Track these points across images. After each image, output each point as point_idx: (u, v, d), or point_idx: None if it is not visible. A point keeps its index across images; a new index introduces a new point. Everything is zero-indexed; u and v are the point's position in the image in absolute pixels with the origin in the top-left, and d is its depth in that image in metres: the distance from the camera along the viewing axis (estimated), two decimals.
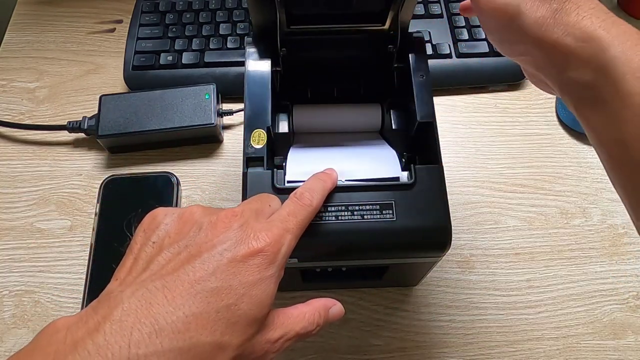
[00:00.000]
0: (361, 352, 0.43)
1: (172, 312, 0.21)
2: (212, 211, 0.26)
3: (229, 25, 0.57)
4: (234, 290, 0.22)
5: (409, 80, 0.36)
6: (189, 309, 0.21)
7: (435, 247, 0.33)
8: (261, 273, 0.23)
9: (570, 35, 0.25)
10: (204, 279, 0.22)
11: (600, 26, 0.24)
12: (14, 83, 0.56)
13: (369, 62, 0.40)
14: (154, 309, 0.21)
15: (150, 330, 0.20)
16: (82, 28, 0.60)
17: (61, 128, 0.51)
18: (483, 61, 0.55)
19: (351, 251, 0.33)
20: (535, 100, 0.56)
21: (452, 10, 0.58)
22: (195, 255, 0.23)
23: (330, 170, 0.32)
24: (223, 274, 0.22)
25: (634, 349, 0.43)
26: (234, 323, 0.22)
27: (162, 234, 0.25)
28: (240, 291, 0.22)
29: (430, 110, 0.35)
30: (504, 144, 0.53)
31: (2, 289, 0.45)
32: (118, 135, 0.49)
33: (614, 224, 0.49)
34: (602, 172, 0.51)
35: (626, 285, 0.46)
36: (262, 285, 0.23)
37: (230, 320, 0.22)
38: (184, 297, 0.21)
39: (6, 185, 0.50)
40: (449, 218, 0.32)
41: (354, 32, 0.36)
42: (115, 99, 0.51)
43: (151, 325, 0.20)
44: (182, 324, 0.21)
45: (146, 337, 0.20)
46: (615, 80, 0.23)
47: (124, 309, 0.20)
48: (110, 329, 0.20)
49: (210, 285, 0.22)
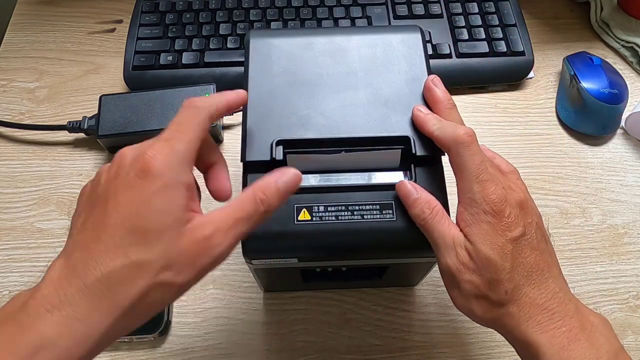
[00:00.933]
0: (361, 352, 0.43)
1: (85, 256, 0.23)
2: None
3: (229, 25, 0.57)
4: (127, 214, 0.24)
5: None
6: (97, 247, 0.23)
7: None
8: (145, 188, 0.24)
9: (514, 339, 0.29)
10: (100, 216, 0.24)
11: (536, 330, 0.28)
12: (14, 83, 0.56)
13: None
14: (72, 261, 0.24)
15: (69, 274, 0.23)
16: (82, 28, 0.60)
17: (61, 128, 0.51)
18: (483, 61, 0.55)
19: (351, 251, 0.33)
20: (535, 100, 0.56)
21: (452, 10, 0.58)
22: (95, 202, 0.26)
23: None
24: (116, 205, 0.24)
25: (634, 349, 0.43)
26: (140, 241, 0.23)
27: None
28: (133, 210, 0.24)
29: None
30: (504, 144, 0.53)
31: (2, 289, 0.45)
32: (118, 135, 0.49)
33: (614, 224, 0.49)
34: (602, 172, 0.52)
35: (626, 285, 0.46)
36: (155, 198, 0.24)
37: (134, 239, 0.23)
38: (91, 241, 0.24)
39: (6, 185, 0.50)
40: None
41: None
42: (115, 99, 0.51)
43: (70, 271, 0.23)
44: (93, 261, 0.23)
45: (66, 283, 0.23)
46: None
47: (53, 272, 0.24)
48: (45, 287, 0.23)
49: (107, 220, 0.24)
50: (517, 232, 0.29)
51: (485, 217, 0.29)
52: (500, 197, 0.29)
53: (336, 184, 0.33)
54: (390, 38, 0.38)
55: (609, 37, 0.60)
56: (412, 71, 0.37)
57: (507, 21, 0.57)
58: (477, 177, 0.30)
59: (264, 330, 0.44)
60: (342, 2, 0.58)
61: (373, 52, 0.38)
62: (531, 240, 0.29)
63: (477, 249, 0.29)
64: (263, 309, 0.44)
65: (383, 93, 0.36)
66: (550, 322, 0.28)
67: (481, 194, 0.29)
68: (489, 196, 0.29)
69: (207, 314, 0.44)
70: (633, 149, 0.53)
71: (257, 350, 0.43)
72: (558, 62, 0.58)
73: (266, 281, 0.42)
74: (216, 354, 0.42)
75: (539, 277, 0.29)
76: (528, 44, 0.56)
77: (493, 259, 0.28)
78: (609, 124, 0.53)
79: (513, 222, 0.29)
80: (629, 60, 0.58)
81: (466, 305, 0.30)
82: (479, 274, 0.29)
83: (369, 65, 0.37)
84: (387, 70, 0.37)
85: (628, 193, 0.51)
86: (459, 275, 0.29)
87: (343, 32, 0.40)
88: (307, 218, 0.32)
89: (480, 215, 0.29)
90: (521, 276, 0.29)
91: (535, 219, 0.30)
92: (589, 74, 0.53)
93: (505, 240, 0.29)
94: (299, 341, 0.43)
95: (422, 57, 0.37)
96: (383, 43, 0.38)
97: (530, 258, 0.29)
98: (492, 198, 0.29)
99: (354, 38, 0.38)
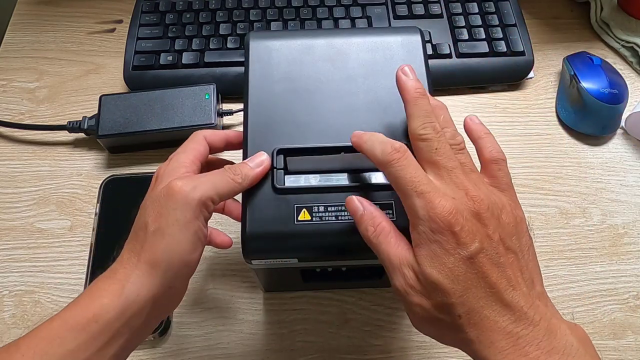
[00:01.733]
0: (361, 352, 0.43)
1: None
2: None
3: (229, 25, 0.57)
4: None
5: None
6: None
7: None
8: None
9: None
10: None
11: (498, 359, 0.25)
12: (14, 83, 0.56)
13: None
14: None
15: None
16: (82, 28, 0.61)
17: (61, 128, 0.51)
18: (483, 61, 0.55)
19: (351, 251, 0.33)
20: (535, 100, 0.56)
21: (452, 10, 0.58)
22: None
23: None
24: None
25: (634, 349, 0.43)
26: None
27: None
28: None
29: None
30: (504, 144, 0.52)
31: (2, 289, 0.45)
32: (118, 135, 0.49)
33: (614, 224, 0.49)
34: (602, 172, 0.52)
35: (626, 285, 0.46)
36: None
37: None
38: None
39: (6, 185, 0.50)
40: None
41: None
42: (115, 99, 0.51)
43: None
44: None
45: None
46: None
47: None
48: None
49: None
50: (473, 248, 0.25)
51: (432, 235, 0.26)
52: (448, 209, 0.26)
53: (336, 184, 0.33)
54: (389, 41, 0.38)
55: (609, 37, 0.60)
56: None
57: (507, 21, 0.57)
58: (415, 190, 0.27)
59: (264, 330, 0.44)
60: (342, 2, 0.58)
61: (372, 57, 0.38)
62: (492, 255, 0.26)
63: (423, 272, 0.26)
64: (263, 309, 0.44)
65: (382, 99, 0.36)
66: (515, 349, 0.25)
67: (425, 209, 0.26)
68: (433, 210, 0.26)
69: (207, 314, 0.44)
70: (633, 149, 0.53)
71: (257, 350, 0.43)
72: (558, 62, 0.58)
73: (266, 281, 0.42)
74: (216, 354, 0.42)
75: (502, 296, 0.25)
76: (528, 44, 0.56)
77: (441, 283, 0.25)
78: (609, 124, 0.53)
79: (466, 237, 0.26)
80: (629, 60, 0.58)
81: (422, 328, 0.28)
82: (428, 297, 0.26)
83: (369, 70, 0.37)
84: (386, 75, 0.37)
85: (628, 193, 0.51)
86: (408, 298, 0.27)
87: (343, 34, 0.40)
88: (307, 218, 0.32)
89: (428, 233, 0.26)
90: (478, 298, 0.25)
91: (499, 230, 0.27)
92: (589, 74, 0.53)
93: (456, 260, 0.25)
94: (299, 341, 0.43)
95: (422, 61, 0.38)
96: (382, 47, 0.38)
97: (491, 276, 0.26)
98: (437, 212, 0.26)
99: (354, 41, 0.38)
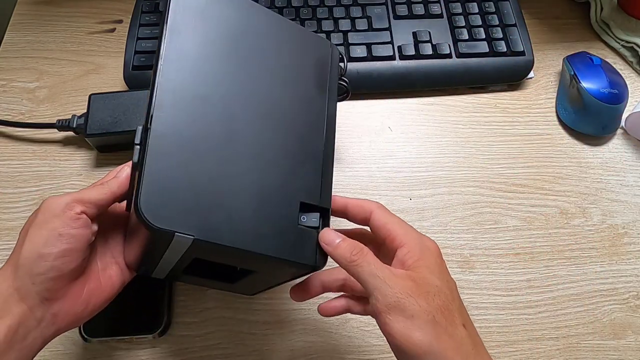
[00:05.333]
0: (361, 352, 0.43)
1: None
2: None
3: None
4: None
5: None
6: None
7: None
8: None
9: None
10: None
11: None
12: (14, 83, 0.56)
13: None
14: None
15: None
16: (82, 28, 0.60)
17: (49, 126, 0.51)
18: (483, 61, 0.55)
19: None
20: (535, 100, 0.56)
21: (452, 10, 0.58)
22: None
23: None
24: None
25: (634, 349, 0.43)
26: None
27: None
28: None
29: None
30: (504, 144, 0.53)
31: None
32: (106, 134, 0.48)
33: (614, 224, 0.49)
34: (602, 172, 0.52)
35: (626, 285, 0.46)
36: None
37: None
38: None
39: (6, 185, 0.50)
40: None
41: None
42: (104, 97, 0.50)
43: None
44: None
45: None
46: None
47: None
48: None
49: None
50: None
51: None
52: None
53: None
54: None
55: (609, 37, 0.60)
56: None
57: (507, 21, 0.57)
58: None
59: (264, 330, 0.44)
60: (342, 2, 0.58)
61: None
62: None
63: None
64: (263, 309, 0.44)
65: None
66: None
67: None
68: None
69: (207, 314, 0.44)
70: (633, 149, 0.53)
71: (257, 350, 0.43)
72: (558, 62, 0.58)
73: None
74: (216, 354, 0.42)
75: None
76: (528, 44, 0.56)
77: None
78: (609, 124, 0.53)
79: None
80: (629, 60, 0.58)
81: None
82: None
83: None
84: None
85: (628, 193, 0.51)
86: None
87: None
88: None
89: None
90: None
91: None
92: (589, 74, 0.53)
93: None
94: (299, 341, 0.43)
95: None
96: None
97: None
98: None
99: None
